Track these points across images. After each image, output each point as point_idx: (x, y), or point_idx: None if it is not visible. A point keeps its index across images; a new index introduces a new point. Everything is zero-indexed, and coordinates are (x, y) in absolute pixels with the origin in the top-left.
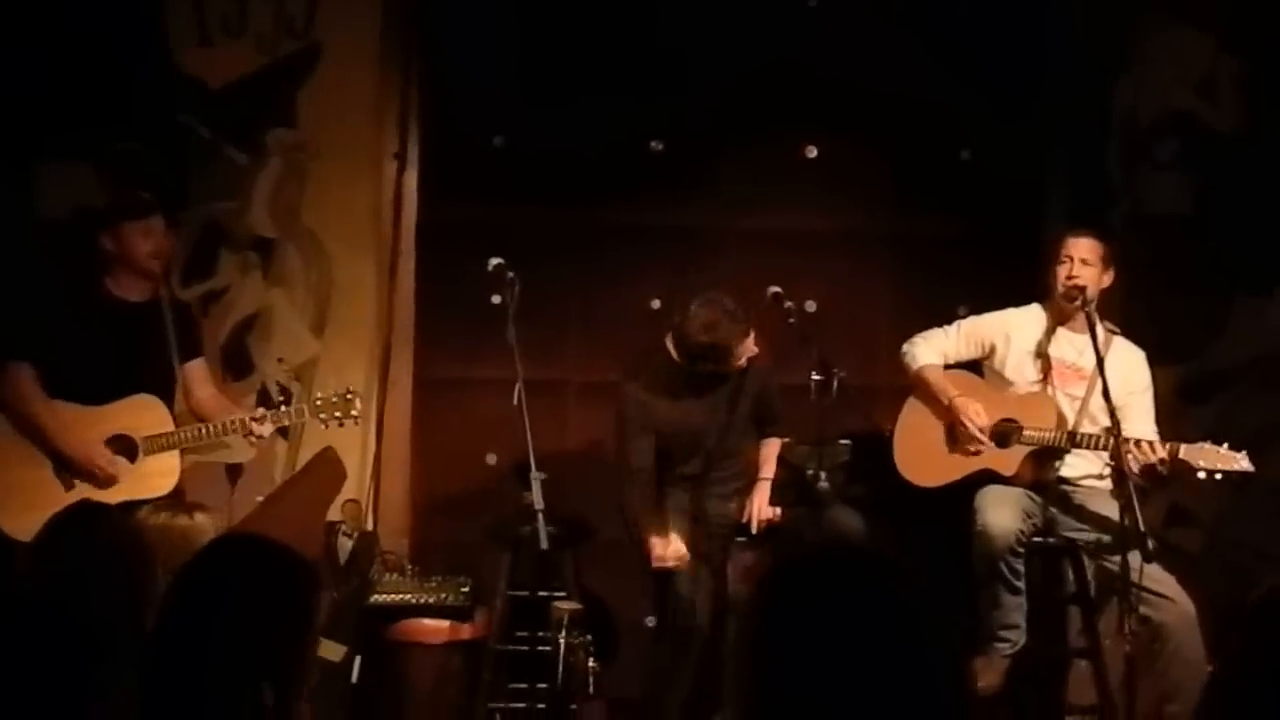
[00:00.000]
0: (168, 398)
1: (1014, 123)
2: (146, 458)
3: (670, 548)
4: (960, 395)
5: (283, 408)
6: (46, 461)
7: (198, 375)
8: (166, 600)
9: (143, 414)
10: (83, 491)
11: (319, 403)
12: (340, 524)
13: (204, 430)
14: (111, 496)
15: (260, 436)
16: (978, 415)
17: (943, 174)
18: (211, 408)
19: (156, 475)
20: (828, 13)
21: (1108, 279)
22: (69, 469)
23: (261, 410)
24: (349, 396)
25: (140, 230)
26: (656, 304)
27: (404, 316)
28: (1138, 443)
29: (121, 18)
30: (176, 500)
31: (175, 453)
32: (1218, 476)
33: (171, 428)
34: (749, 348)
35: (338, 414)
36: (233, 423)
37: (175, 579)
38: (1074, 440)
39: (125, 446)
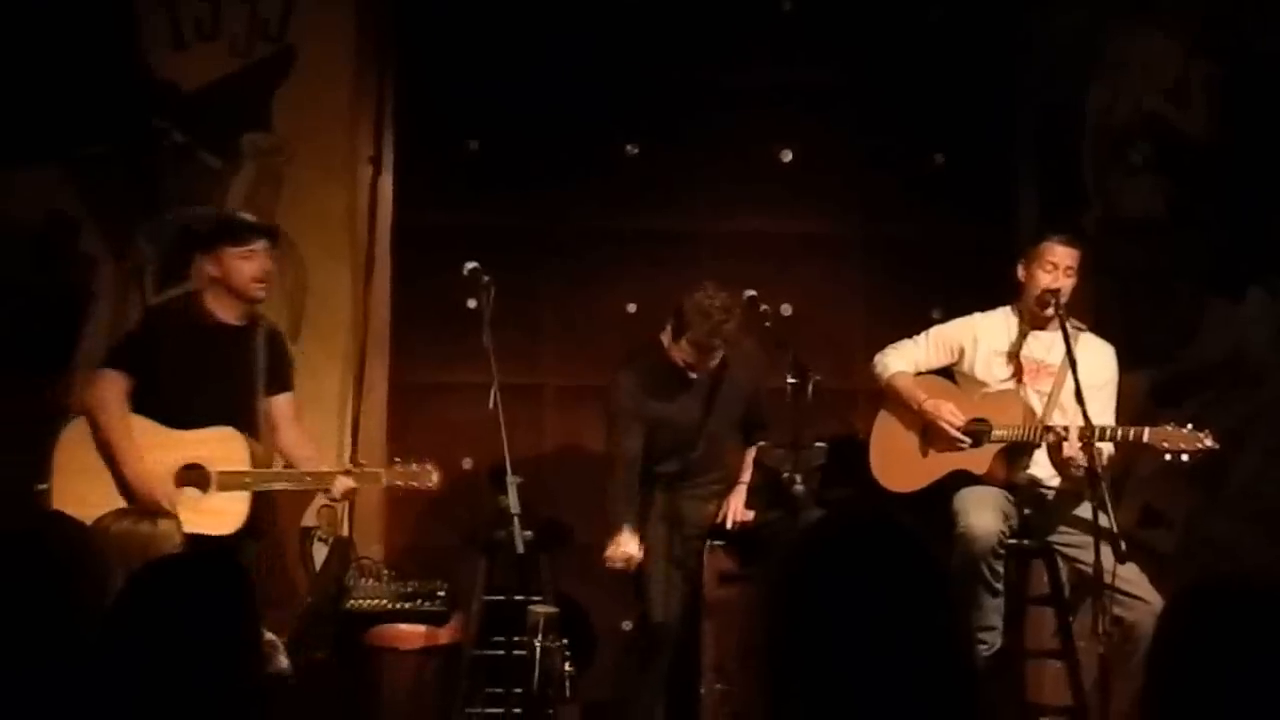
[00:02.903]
0: (247, 427)
1: (988, 127)
2: (216, 493)
3: (619, 549)
4: (930, 398)
5: (363, 468)
6: (110, 478)
7: (285, 412)
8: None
9: (222, 447)
10: None
11: (399, 469)
12: (315, 529)
13: (276, 477)
14: None
15: (335, 498)
16: (953, 415)
17: (917, 178)
18: (296, 451)
19: (220, 514)
20: (802, 17)
21: (1075, 282)
22: (129, 494)
23: (348, 465)
24: (428, 468)
25: (242, 255)
26: (632, 308)
27: (379, 321)
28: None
29: (94, 20)
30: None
31: (245, 498)
32: (1184, 458)
33: (247, 466)
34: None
35: (413, 482)
36: (308, 476)
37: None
38: (1039, 434)
39: (197, 477)
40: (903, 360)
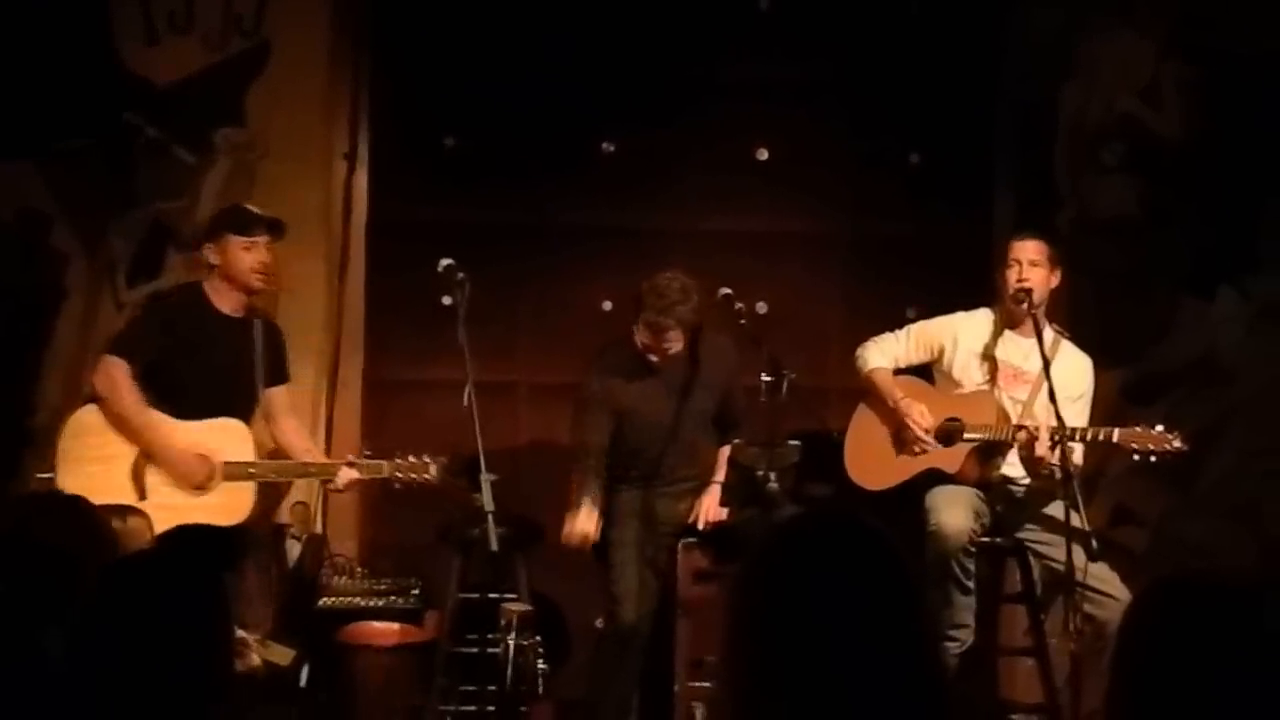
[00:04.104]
0: (247, 418)
1: (964, 127)
2: (221, 483)
3: (575, 526)
4: (905, 398)
5: (365, 460)
6: (128, 462)
7: (282, 403)
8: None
9: (227, 437)
10: (154, 501)
11: (399, 462)
12: (289, 526)
13: (283, 468)
14: (174, 517)
15: (338, 489)
16: (922, 416)
17: (893, 177)
18: (293, 440)
19: (226, 507)
20: (779, 15)
21: (1055, 279)
22: (161, 466)
23: (351, 457)
24: (427, 461)
25: (244, 245)
26: (608, 305)
27: (354, 317)
28: (1040, 430)
29: (66, 15)
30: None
31: (251, 488)
32: (1152, 459)
33: (253, 457)
34: (680, 332)
35: (413, 475)
36: (313, 466)
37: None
38: (1012, 434)
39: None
40: (883, 356)
